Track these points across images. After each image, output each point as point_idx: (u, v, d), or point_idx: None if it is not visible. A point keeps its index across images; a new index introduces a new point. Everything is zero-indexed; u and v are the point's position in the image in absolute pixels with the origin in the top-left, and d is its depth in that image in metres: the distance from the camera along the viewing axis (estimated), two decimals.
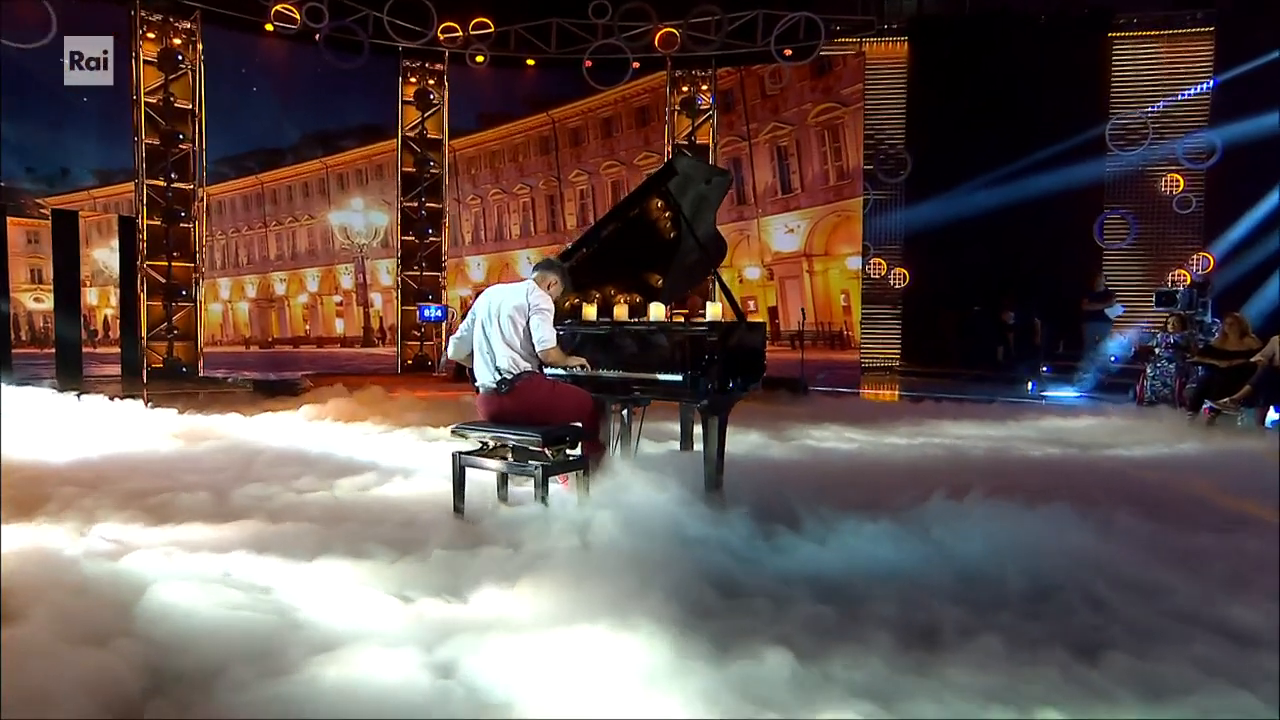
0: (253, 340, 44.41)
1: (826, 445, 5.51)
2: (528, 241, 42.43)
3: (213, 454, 4.61)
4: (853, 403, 8.83)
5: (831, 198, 26.76)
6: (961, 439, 5.78)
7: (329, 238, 45.51)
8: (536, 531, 2.83)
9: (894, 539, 2.92)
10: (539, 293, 3.15)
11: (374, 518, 3.11)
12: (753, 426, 5.25)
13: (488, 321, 3.18)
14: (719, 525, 2.97)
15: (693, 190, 3.57)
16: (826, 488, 3.72)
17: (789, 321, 27.83)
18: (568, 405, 3.20)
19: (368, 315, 36.03)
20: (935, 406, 7.65)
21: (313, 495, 3.55)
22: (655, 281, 3.82)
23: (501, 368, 3.12)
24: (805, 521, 3.07)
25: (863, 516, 3.13)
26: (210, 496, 3.48)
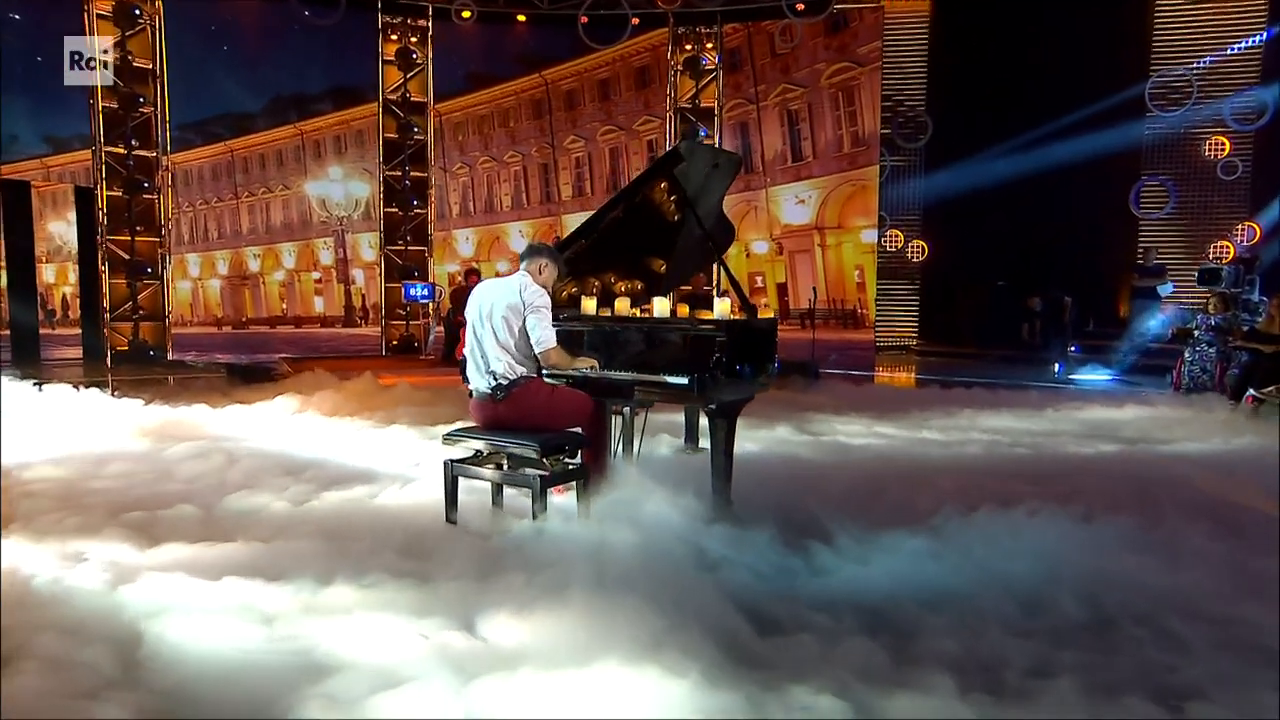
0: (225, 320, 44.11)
1: (848, 441, 5.31)
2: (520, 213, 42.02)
3: (190, 457, 4.41)
4: (872, 390, 8.59)
5: (845, 166, 26.53)
6: (999, 434, 5.55)
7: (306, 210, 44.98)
8: (543, 554, 2.68)
9: (936, 557, 2.78)
10: (533, 288, 3.03)
11: (375, 533, 2.93)
12: (764, 418, 5.02)
13: (479, 323, 3.07)
14: (742, 545, 2.85)
15: (699, 175, 3.49)
16: (854, 494, 3.59)
17: (799, 299, 27.76)
18: (567, 410, 3.11)
19: (349, 293, 36.00)
20: (966, 394, 7.39)
21: (305, 507, 3.40)
22: (659, 267, 3.72)
23: (497, 372, 3.02)
24: (836, 537, 2.94)
25: (900, 530, 3.00)
26: (196, 511, 3.33)
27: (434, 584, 2.48)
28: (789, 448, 4.94)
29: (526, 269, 3.09)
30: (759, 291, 31.95)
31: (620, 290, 3.88)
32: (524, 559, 2.63)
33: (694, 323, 3.17)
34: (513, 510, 3.17)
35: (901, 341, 13.81)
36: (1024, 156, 11.58)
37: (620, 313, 3.44)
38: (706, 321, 3.11)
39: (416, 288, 11.87)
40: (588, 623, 2.14)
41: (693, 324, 3.17)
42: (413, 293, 11.87)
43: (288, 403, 6.44)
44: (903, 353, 13.59)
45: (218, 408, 6.31)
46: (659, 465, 3.81)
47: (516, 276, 3.07)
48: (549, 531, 2.84)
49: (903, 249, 13.45)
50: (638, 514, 2.93)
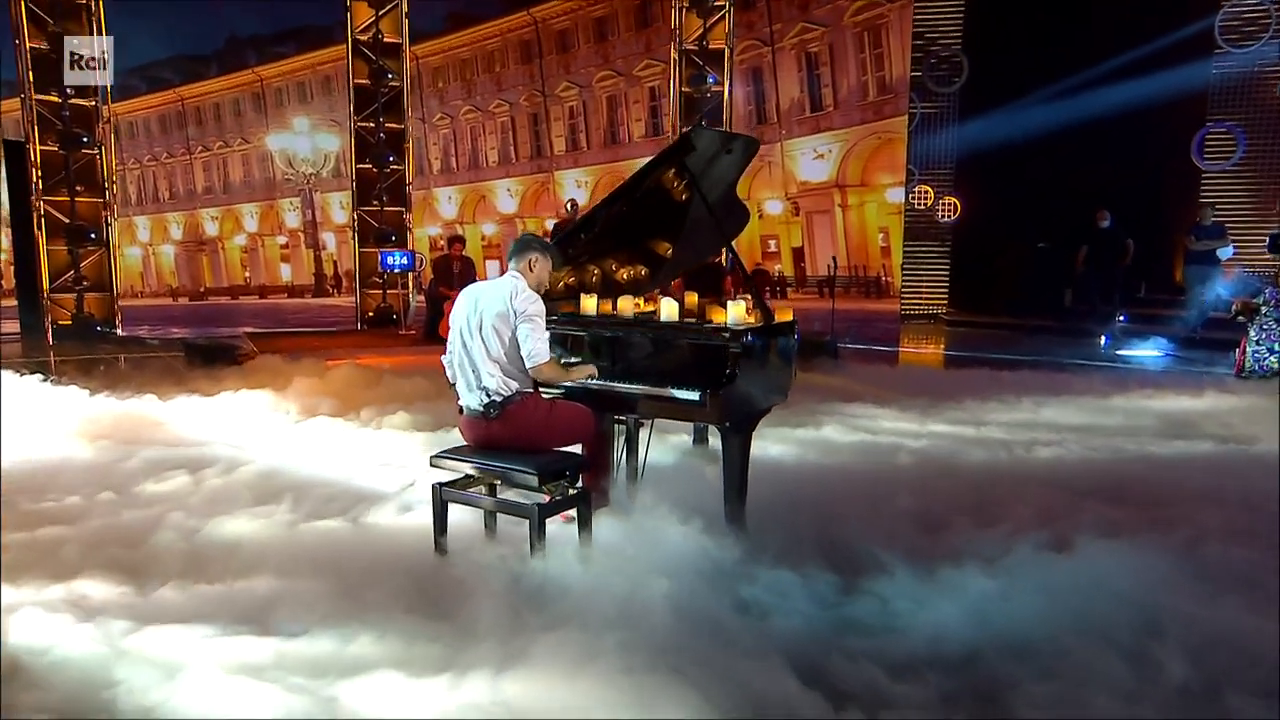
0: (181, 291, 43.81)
1: (883, 439, 4.97)
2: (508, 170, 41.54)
3: (152, 471, 4.18)
4: (903, 372, 8.25)
5: (870, 116, 26.09)
6: (1067, 431, 5.20)
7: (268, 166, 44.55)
8: (549, 599, 2.56)
9: (1010, 598, 2.60)
10: (525, 294, 2.92)
11: (362, 570, 2.84)
12: (785, 410, 4.70)
13: (467, 332, 2.96)
14: (780, 585, 2.70)
15: (711, 162, 3.39)
16: (901, 513, 3.40)
17: (817, 265, 27.52)
18: (566, 427, 3.04)
19: (319, 260, 35.75)
20: (1016, 378, 7.01)
21: (296, 533, 3.29)
22: (664, 250, 3.64)
23: (489, 388, 2.92)
24: (890, 572, 2.78)
25: (967, 562, 2.82)
26: (178, 540, 3.20)
27: (426, 640, 2.37)
28: (819, 451, 4.68)
29: (516, 268, 3.01)
30: (772, 256, 31.70)
31: (623, 277, 3.80)
32: (525, 605, 2.51)
33: (705, 330, 3.09)
34: (507, 537, 3.09)
35: (929, 310, 13.68)
36: (1070, 102, 11.28)
37: (624, 313, 3.34)
38: (719, 328, 3.05)
39: (394, 256, 11.68)
40: (618, 686, 2.04)
41: (704, 331, 3.08)
42: (390, 261, 11.67)
43: (257, 398, 6.15)
44: (930, 322, 13.46)
45: (175, 400, 6.10)
46: (666, 479, 3.69)
47: (506, 280, 2.98)
48: (551, 571, 2.74)
49: (932, 207, 13.24)
50: (651, 548, 2.85)
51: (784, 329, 3.21)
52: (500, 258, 38.52)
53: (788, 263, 29.13)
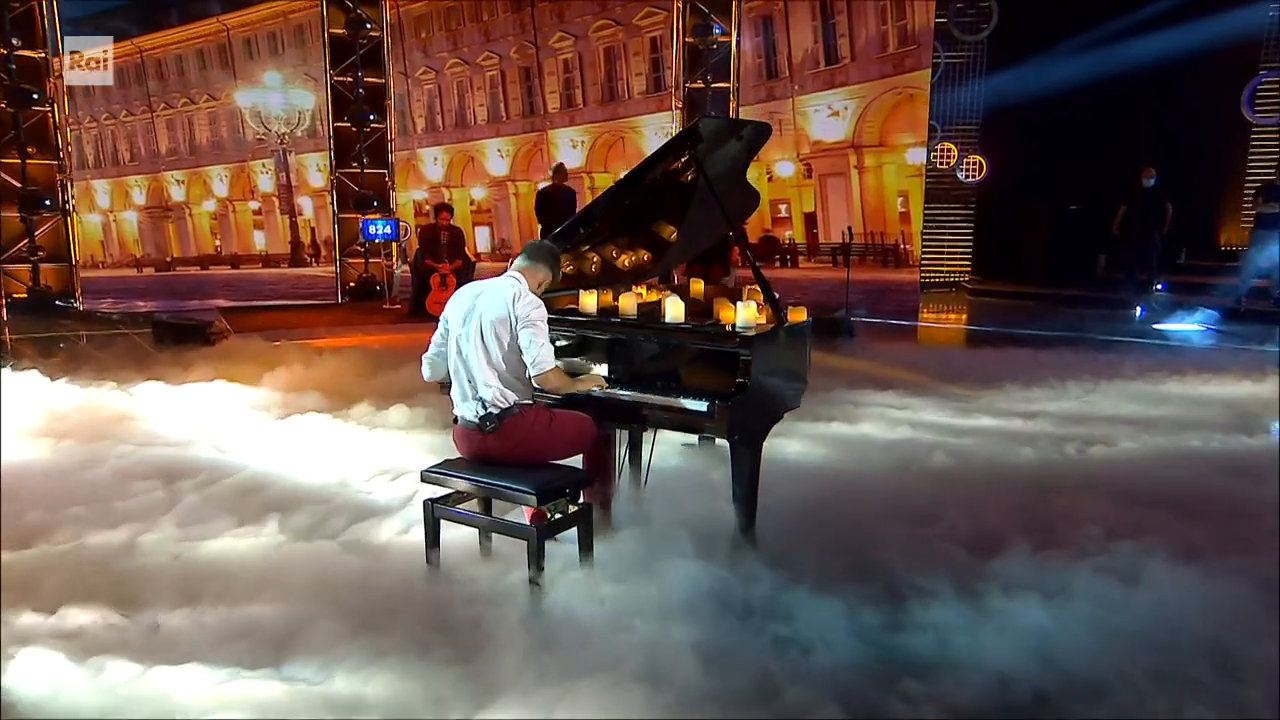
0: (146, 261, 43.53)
1: (911, 436, 4.74)
2: (498, 129, 41.07)
3: (124, 477, 4.10)
4: (929, 353, 8.01)
5: (890, 70, 25.74)
6: (1120, 424, 4.98)
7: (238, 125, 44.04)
8: (554, 634, 2.51)
9: (1070, 630, 2.53)
10: (528, 298, 2.90)
11: (351, 592, 2.83)
12: None
13: (464, 337, 2.93)
14: (809, 612, 2.64)
15: (720, 151, 3.40)
16: (935, 527, 3.29)
17: (830, 232, 27.35)
18: (567, 439, 3.03)
19: (295, 227, 35.48)
20: (1053, 358, 6.84)
21: (287, 559, 3.22)
22: (669, 234, 3.63)
23: (486, 400, 2.91)
24: (933, 596, 2.72)
25: (1012, 587, 2.76)
26: (170, 566, 3.13)
27: (437, 685, 2.33)
28: (842, 451, 4.52)
29: (521, 270, 3.01)
30: (782, 222, 31.48)
31: (625, 264, 3.79)
32: (537, 648, 2.45)
33: (713, 335, 3.06)
34: (503, 556, 3.07)
35: (951, 278, 13.60)
36: (1107, 50, 11.09)
37: (626, 311, 3.32)
38: (728, 332, 3.02)
39: (377, 224, 11.51)
40: None
41: (712, 336, 3.06)
42: (373, 231, 11.51)
43: (235, 392, 5.93)
44: (952, 291, 13.40)
45: (143, 387, 5.99)
46: (671, 484, 3.65)
47: (507, 282, 2.96)
48: (557, 604, 2.70)
49: (956, 165, 13.10)
50: (665, 576, 2.81)
51: (797, 330, 3.18)
52: (491, 224, 38.31)
53: (799, 229, 28.95)
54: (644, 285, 3.85)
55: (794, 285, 17.84)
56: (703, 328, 3.11)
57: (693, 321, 3.20)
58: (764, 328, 3.06)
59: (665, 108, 21.68)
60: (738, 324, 3.03)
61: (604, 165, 31.94)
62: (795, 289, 16.84)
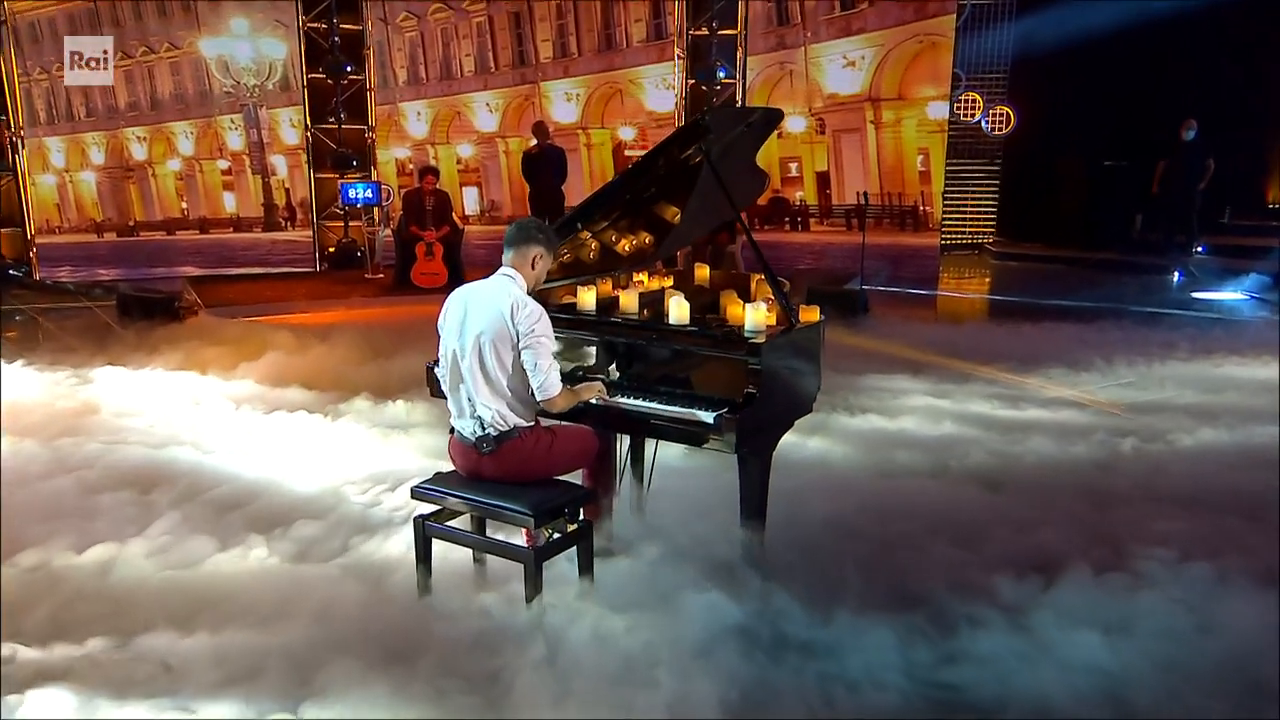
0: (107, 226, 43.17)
1: (947, 431, 4.59)
2: (486, 81, 40.61)
3: (93, 489, 3.98)
4: (956, 331, 7.75)
5: (910, 16, 25.38)
6: (1180, 412, 4.84)
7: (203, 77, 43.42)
8: (577, 689, 2.46)
9: (1141, 667, 2.49)
10: (528, 309, 2.85)
11: (335, 615, 2.84)
12: None
13: (459, 353, 2.92)
14: (852, 650, 2.59)
15: (728, 141, 3.42)
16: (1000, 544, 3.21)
17: (844, 193, 27.20)
18: (568, 456, 3.06)
19: (268, 188, 35.22)
20: (1096, 334, 6.64)
21: (284, 576, 3.22)
22: (672, 216, 3.63)
23: (485, 420, 2.90)
24: (980, 623, 2.68)
25: (1071, 612, 2.73)
26: (147, 596, 3.05)
27: None
28: (866, 448, 4.44)
29: (515, 263, 2.95)
30: (793, 182, 31.27)
31: (625, 249, 3.81)
32: (534, 690, 2.43)
33: (720, 341, 3.06)
34: (499, 577, 3.07)
35: (974, 240, 13.58)
36: None
37: (627, 310, 3.34)
38: (735, 338, 3.02)
39: (357, 188, 11.40)
40: None
41: (718, 342, 3.06)
42: (352, 194, 11.41)
43: (212, 384, 5.78)
44: (974, 254, 13.38)
45: (108, 372, 5.91)
46: (673, 489, 3.64)
47: (502, 287, 2.91)
48: (555, 633, 2.68)
49: (981, 117, 13.02)
50: (672, 596, 2.80)
51: (809, 332, 3.19)
52: (480, 184, 38.04)
53: (810, 190, 28.79)
54: (645, 272, 3.89)
55: (805, 250, 17.80)
56: (709, 331, 3.11)
57: (698, 321, 3.18)
58: (774, 330, 3.06)
59: (667, 58, 21.44)
60: (746, 327, 3.02)
61: (600, 120, 31.65)
62: (806, 254, 16.81)
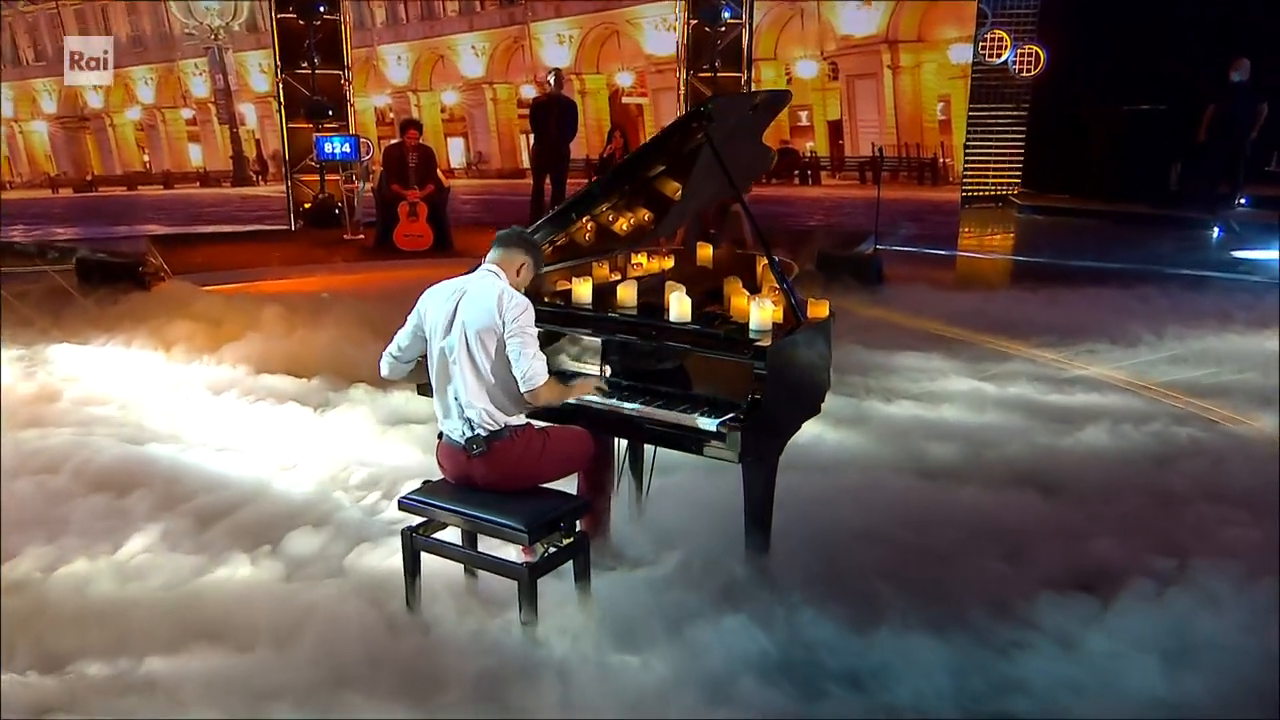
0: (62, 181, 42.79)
1: (969, 417, 4.47)
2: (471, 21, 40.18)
3: (60, 496, 3.94)
4: (986, 300, 7.42)
5: None
6: (1248, 398, 4.73)
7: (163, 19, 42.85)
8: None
9: (1173, 676, 2.52)
10: (515, 301, 2.95)
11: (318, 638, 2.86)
12: None
13: (448, 349, 2.98)
14: (893, 677, 2.57)
15: (733, 127, 3.48)
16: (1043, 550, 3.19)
17: (858, 143, 27.01)
18: (563, 460, 3.12)
19: (236, 139, 34.86)
20: (1141, 303, 6.49)
21: (278, 593, 3.21)
22: (673, 192, 3.67)
23: (474, 420, 2.97)
24: (1024, 645, 2.69)
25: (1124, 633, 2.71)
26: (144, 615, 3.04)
27: None
28: (886, 441, 4.30)
29: (500, 262, 3.06)
30: (803, 132, 30.98)
31: (622, 228, 3.85)
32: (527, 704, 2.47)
33: (723, 341, 3.08)
34: (493, 587, 3.11)
35: (998, 192, 13.50)
36: None
37: (625, 304, 3.36)
38: (740, 338, 3.04)
39: (334, 141, 11.31)
40: None
41: (721, 344, 3.08)
42: (328, 149, 11.32)
43: (186, 369, 5.65)
44: (997, 207, 13.32)
45: (71, 350, 5.84)
46: (673, 488, 3.64)
47: (488, 280, 3.00)
48: (553, 657, 2.72)
49: (1007, 57, 12.88)
50: (681, 613, 2.82)
51: (818, 330, 3.21)
52: (466, 134, 37.69)
53: (821, 140, 28.59)
54: (644, 254, 3.92)
55: (815, 205, 17.75)
56: (711, 331, 3.13)
57: (700, 317, 3.20)
58: (781, 329, 3.08)
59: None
60: (751, 326, 3.06)
61: (596, 65, 31.31)
62: (817, 209, 16.77)
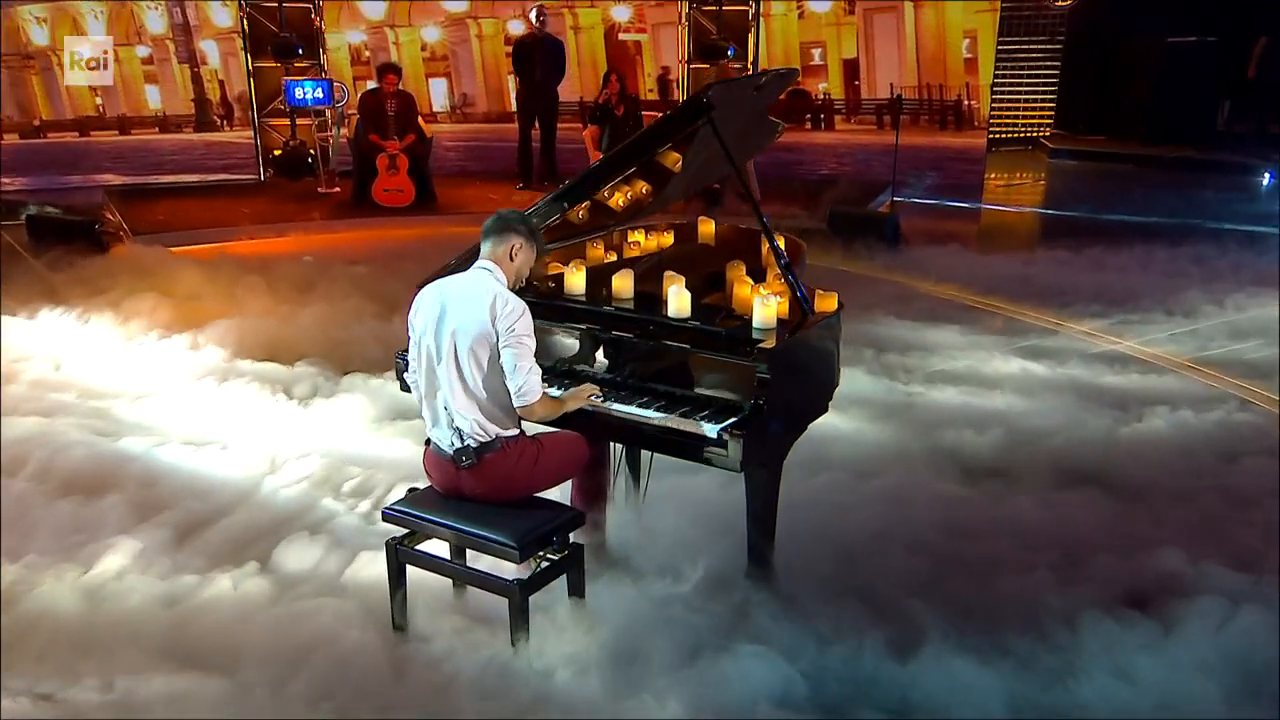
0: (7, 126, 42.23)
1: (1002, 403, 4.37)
2: None
3: (25, 489, 3.93)
4: (1009, 262, 7.28)
5: None
6: None
7: None
8: None
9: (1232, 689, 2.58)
10: (510, 305, 2.93)
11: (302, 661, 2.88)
12: None
13: (434, 354, 3.00)
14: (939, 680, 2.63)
15: (736, 112, 3.54)
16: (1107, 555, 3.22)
17: (875, 85, 26.71)
18: (556, 468, 3.16)
19: (198, 79, 34.16)
20: (1194, 265, 6.47)
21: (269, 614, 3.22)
22: (673, 163, 3.72)
23: (464, 431, 2.98)
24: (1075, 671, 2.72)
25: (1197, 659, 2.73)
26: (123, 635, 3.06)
27: None
28: (910, 428, 4.22)
29: (492, 255, 3.05)
30: (815, 71, 30.54)
31: (619, 204, 3.88)
32: None
33: (725, 342, 3.07)
34: (480, 606, 3.13)
35: (1028, 134, 13.36)
36: None
37: (621, 296, 3.40)
38: (743, 337, 3.05)
39: (305, 86, 11.14)
40: None
41: (723, 343, 3.08)
42: (300, 95, 11.16)
43: (154, 345, 5.58)
44: (1027, 150, 13.21)
45: (26, 323, 5.76)
46: (673, 492, 3.64)
47: (481, 281, 2.98)
48: (551, 695, 2.73)
49: None
50: (690, 635, 2.85)
51: (826, 326, 3.24)
52: (449, 74, 37.14)
53: (836, 81, 28.25)
54: (642, 231, 3.96)
55: (828, 152, 17.62)
56: (711, 329, 3.14)
57: (701, 312, 3.22)
58: (786, 326, 3.12)
59: None
60: (754, 324, 3.10)
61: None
62: (830, 157, 16.65)
